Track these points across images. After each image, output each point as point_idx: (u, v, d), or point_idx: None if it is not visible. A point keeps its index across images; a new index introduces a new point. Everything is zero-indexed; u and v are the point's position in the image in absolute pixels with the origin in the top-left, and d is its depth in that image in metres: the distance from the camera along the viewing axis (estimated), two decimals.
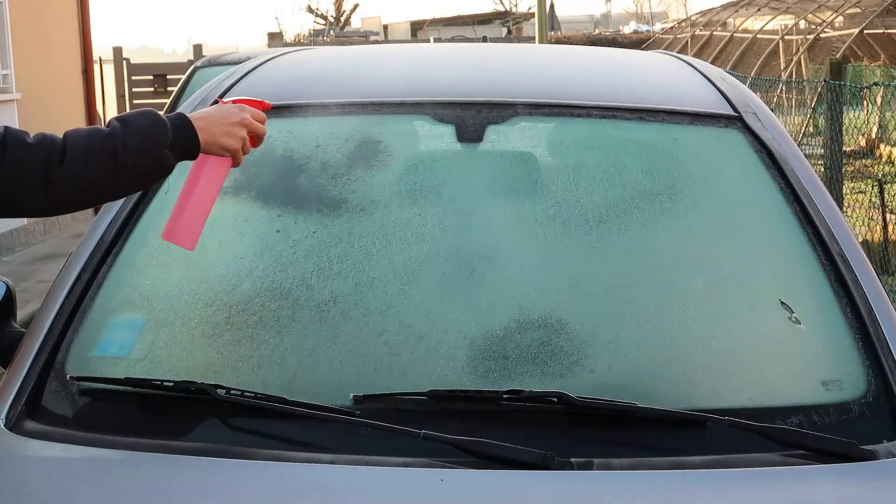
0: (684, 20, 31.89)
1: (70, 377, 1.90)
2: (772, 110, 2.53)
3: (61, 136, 1.76)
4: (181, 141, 1.81)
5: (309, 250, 2.10)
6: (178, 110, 2.50)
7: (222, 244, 2.15)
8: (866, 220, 8.40)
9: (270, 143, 2.38)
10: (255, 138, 1.93)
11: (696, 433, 1.75)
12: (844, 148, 9.28)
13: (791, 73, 18.58)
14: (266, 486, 1.64)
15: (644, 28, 43.47)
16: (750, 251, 2.15)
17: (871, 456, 1.71)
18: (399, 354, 1.91)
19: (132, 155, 1.76)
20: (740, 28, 24.19)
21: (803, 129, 12.74)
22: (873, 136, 12.05)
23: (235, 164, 1.92)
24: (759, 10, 23.81)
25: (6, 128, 1.74)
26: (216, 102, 1.96)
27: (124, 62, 19.33)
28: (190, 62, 16.38)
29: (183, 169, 1.89)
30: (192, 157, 1.85)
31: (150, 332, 1.99)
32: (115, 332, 2.01)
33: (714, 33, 24.43)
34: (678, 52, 3.48)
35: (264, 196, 2.24)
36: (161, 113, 1.85)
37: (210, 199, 1.90)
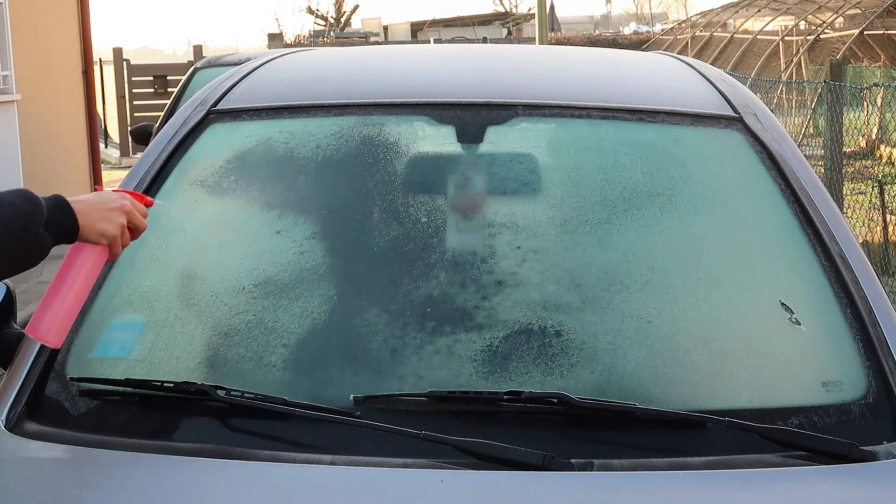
0: (684, 21, 31.90)
1: (70, 378, 1.90)
2: (772, 111, 2.53)
3: None
4: (57, 220, 1.73)
5: (309, 251, 2.10)
6: (178, 111, 2.51)
7: (222, 245, 2.15)
8: (866, 220, 8.40)
9: (271, 144, 2.38)
10: (134, 230, 1.85)
11: (696, 434, 1.75)
12: (844, 149, 9.29)
13: (791, 73, 18.58)
14: (266, 487, 1.64)
15: (644, 29, 43.47)
16: (750, 252, 2.15)
17: (872, 457, 1.71)
18: (399, 355, 1.91)
19: (3, 231, 1.67)
20: (740, 29, 24.19)
21: (803, 129, 12.74)
22: (873, 136, 12.05)
23: (112, 255, 1.82)
24: (759, 11, 23.81)
25: None
26: (94, 190, 1.89)
27: (124, 63, 19.34)
28: (190, 63, 16.41)
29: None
30: (71, 238, 1.76)
31: (150, 333, 1.99)
32: (115, 333, 2.01)
33: (714, 34, 24.43)
34: (678, 53, 3.48)
35: (264, 197, 2.24)
36: (33, 192, 1.77)
37: (83, 293, 1.80)
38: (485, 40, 26.02)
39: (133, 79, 19.22)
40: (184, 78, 8.11)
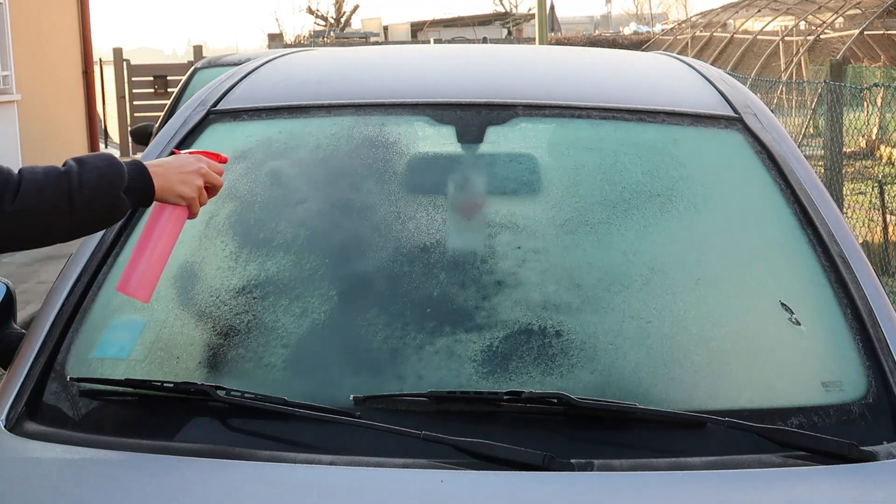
0: (684, 21, 31.89)
1: (70, 378, 1.90)
2: (772, 111, 2.53)
3: (16, 172, 1.76)
4: (137, 185, 1.81)
5: (309, 251, 2.10)
6: (178, 112, 2.51)
7: (222, 245, 2.15)
8: (866, 221, 8.40)
9: (271, 144, 2.38)
10: (211, 189, 1.93)
11: (696, 434, 1.75)
12: (844, 149, 9.29)
13: (791, 74, 18.58)
14: (266, 487, 1.64)
15: (644, 29, 43.46)
16: (750, 252, 2.15)
17: (871, 457, 1.71)
18: (399, 355, 1.91)
19: (87, 194, 1.76)
20: (740, 29, 24.19)
21: (803, 130, 12.74)
22: (873, 137, 12.04)
23: (191, 214, 1.91)
24: (759, 11, 23.81)
25: None
26: (172, 153, 1.96)
27: (124, 63, 19.34)
28: (190, 63, 16.41)
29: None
30: (148, 203, 1.85)
31: (150, 334, 1.99)
32: (115, 334, 2.01)
33: (714, 34, 24.43)
34: (678, 54, 3.48)
35: (264, 197, 2.24)
36: (116, 157, 1.85)
37: (166, 250, 1.89)
38: (485, 40, 26.02)
39: (133, 79, 19.22)
40: (184, 78, 8.11)
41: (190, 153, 1.94)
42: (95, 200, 1.77)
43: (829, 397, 1.85)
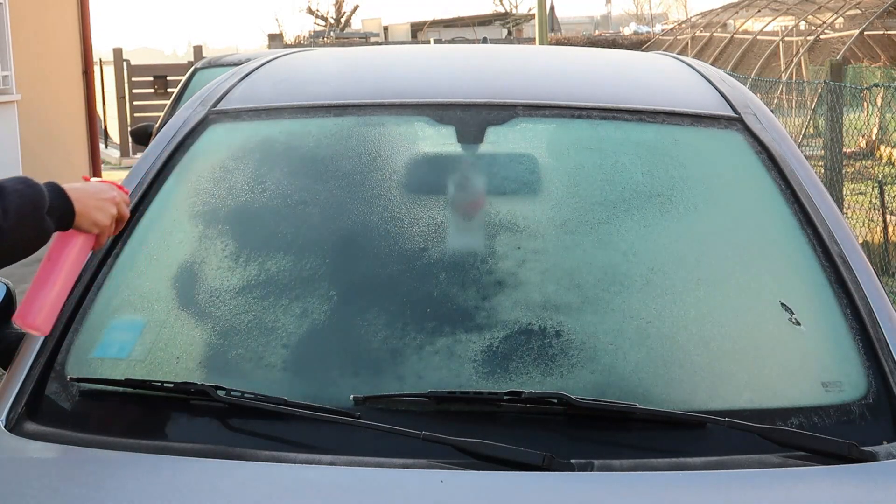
0: (684, 21, 31.88)
1: (70, 378, 1.90)
2: (772, 111, 2.53)
3: None
4: (57, 206, 1.77)
5: (309, 251, 2.10)
6: (178, 112, 2.51)
7: (222, 245, 2.15)
8: (866, 221, 8.40)
9: (271, 144, 2.38)
10: (120, 221, 1.91)
11: (696, 434, 1.75)
12: (844, 149, 9.29)
13: (791, 74, 18.58)
14: (266, 487, 1.64)
15: (644, 29, 43.45)
16: (750, 252, 2.14)
17: (872, 457, 1.71)
18: (399, 355, 1.91)
19: (13, 217, 1.72)
20: (740, 29, 24.19)
21: (803, 130, 12.75)
22: (873, 137, 12.05)
23: (98, 244, 1.86)
24: (759, 11, 23.81)
25: None
26: (83, 180, 1.92)
27: (124, 63, 19.34)
28: (190, 63, 16.41)
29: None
30: (68, 225, 1.81)
31: (150, 334, 1.99)
32: (115, 334, 2.01)
33: (714, 34, 24.43)
34: (678, 54, 3.48)
35: (264, 197, 2.24)
36: (31, 178, 1.81)
37: (70, 280, 1.84)
38: (485, 41, 26.02)
39: (133, 79, 19.23)
40: (184, 78, 8.11)
41: (102, 181, 1.90)
42: (24, 223, 1.73)
43: (830, 397, 1.85)
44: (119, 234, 2.16)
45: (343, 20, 43.23)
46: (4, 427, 1.82)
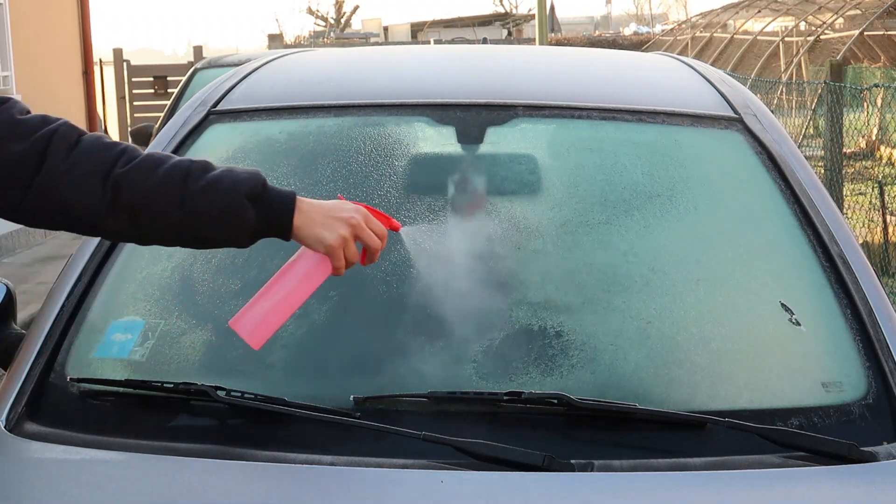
0: (684, 22, 31.89)
1: (70, 379, 1.90)
2: (772, 112, 2.53)
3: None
4: (271, 203, 1.64)
5: None
6: (178, 112, 2.51)
7: None
8: (866, 221, 8.40)
9: (271, 144, 2.38)
10: (367, 253, 1.72)
11: (696, 435, 1.75)
12: (844, 149, 9.29)
13: (791, 74, 18.57)
14: (266, 488, 1.64)
15: (644, 30, 43.44)
16: (750, 253, 2.15)
17: (872, 458, 1.71)
18: (399, 356, 1.91)
19: (205, 184, 1.61)
20: (740, 30, 24.19)
21: (803, 130, 12.74)
22: (873, 137, 12.04)
23: (335, 269, 1.69)
24: (759, 11, 23.81)
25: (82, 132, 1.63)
26: (337, 198, 1.77)
27: (124, 64, 19.33)
28: (190, 64, 16.40)
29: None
30: (281, 230, 1.67)
31: (150, 334, 1.99)
32: (115, 334, 2.01)
33: (714, 35, 24.42)
34: (678, 54, 3.48)
35: None
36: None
37: (297, 299, 1.70)
38: (485, 41, 25.99)
39: (133, 79, 19.21)
40: (184, 78, 8.11)
41: (356, 204, 1.73)
42: (212, 193, 1.61)
43: (830, 398, 1.85)
44: None
45: (343, 20, 43.24)
46: (4, 427, 1.82)
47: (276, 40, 35.37)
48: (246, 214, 1.63)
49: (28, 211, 1.60)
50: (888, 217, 8.02)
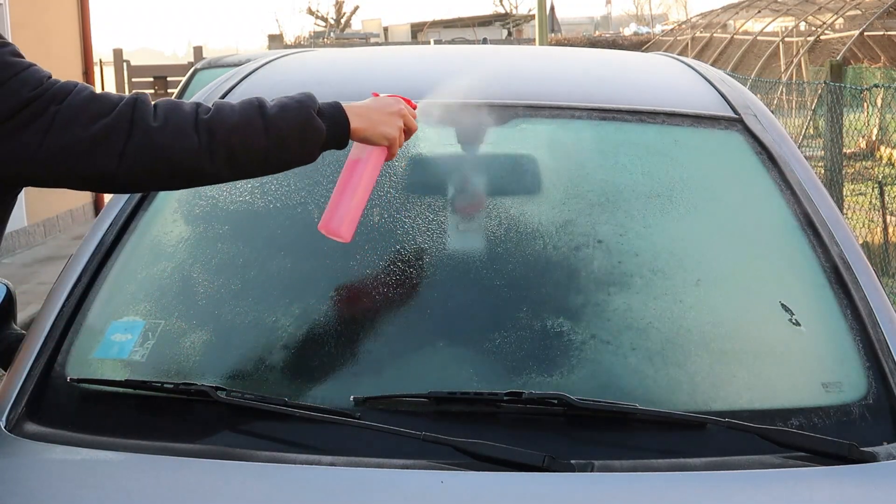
0: (684, 22, 31.89)
1: (70, 379, 1.90)
2: (772, 112, 2.53)
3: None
4: (327, 110, 1.85)
5: (309, 251, 2.10)
6: None
7: (223, 245, 2.15)
8: (867, 221, 8.40)
9: None
10: (407, 132, 1.98)
11: (696, 435, 1.75)
12: (845, 150, 9.29)
13: (791, 74, 18.57)
14: (266, 488, 1.64)
15: (644, 30, 43.45)
16: (750, 253, 2.15)
17: (872, 458, 1.71)
18: (399, 356, 1.91)
19: (277, 109, 1.80)
20: (740, 30, 24.19)
21: (803, 130, 12.74)
22: (873, 137, 12.05)
23: (390, 155, 1.95)
24: (759, 12, 23.81)
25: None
26: (372, 96, 2.00)
27: (124, 64, 19.33)
28: (190, 64, 16.40)
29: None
30: (343, 137, 1.87)
31: (150, 334, 1.99)
32: (115, 335, 2.01)
33: (714, 35, 24.43)
34: (678, 54, 3.48)
35: (264, 198, 2.24)
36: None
37: (367, 190, 1.94)
38: (485, 41, 26.00)
39: (133, 80, 19.20)
40: (184, 79, 8.11)
41: (389, 97, 1.98)
42: (287, 114, 1.80)
43: (830, 398, 1.85)
44: (119, 234, 2.16)
45: (343, 21, 43.24)
46: (4, 428, 1.82)
47: (276, 41, 35.38)
48: (319, 127, 1.83)
49: (126, 177, 1.74)
50: (888, 217, 8.02)
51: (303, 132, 1.82)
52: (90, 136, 1.69)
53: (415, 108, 2.05)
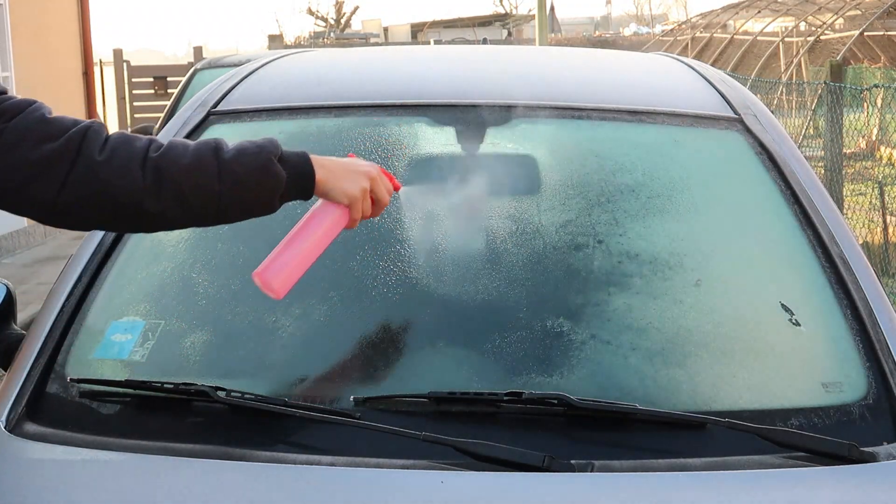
0: (684, 22, 31.88)
1: (70, 379, 1.90)
2: (772, 112, 2.53)
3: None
4: (293, 161, 1.75)
5: None
6: (178, 113, 2.51)
7: (222, 246, 2.15)
8: (867, 221, 8.40)
9: None
10: (377, 204, 1.84)
11: (696, 435, 1.75)
12: (844, 150, 9.29)
13: (791, 75, 18.58)
14: (266, 488, 1.64)
15: (644, 30, 43.46)
16: (750, 253, 2.15)
17: (872, 458, 1.71)
18: (399, 356, 1.91)
19: (235, 152, 1.71)
20: (740, 30, 24.19)
21: (803, 130, 12.75)
22: (873, 137, 12.04)
23: (351, 221, 1.81)
24: (759, 12, 23.81)
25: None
26: (348, 157, 1.89)
27: (124, 64, 19.33)
28: (190, 64, 16.40)
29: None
30: (306, 188, 1.77)
31: (150, 335, 1.99)
32: (115, 334, 2.01)
33: (714, 35, 24.43)
34: (678, 54, 3.48)
35: None
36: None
37: (317, 249, 1.81)
38: (485, 41, 26.00)
39: (133, 80, 19.20)
40: (184, 79, 8.11)
41: (368, 163, 1.86)
42: (244, 158, 1.70)
43: (830, 398, 1.85)
44: (120, 234, 2.16)
45: (343, 21, 43.25)
46: (4, 428, 1.82)
47: (276, 41, 35.38)
48: (278, 173, 1.72)
49: (64, 208, 1.65)
50: (888, 217, 8.03)
51: (260, 178, 1.71)
52: (34, 160, 1.62)
53: (397, 188, 1.93)
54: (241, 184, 1.71)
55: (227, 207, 1.72)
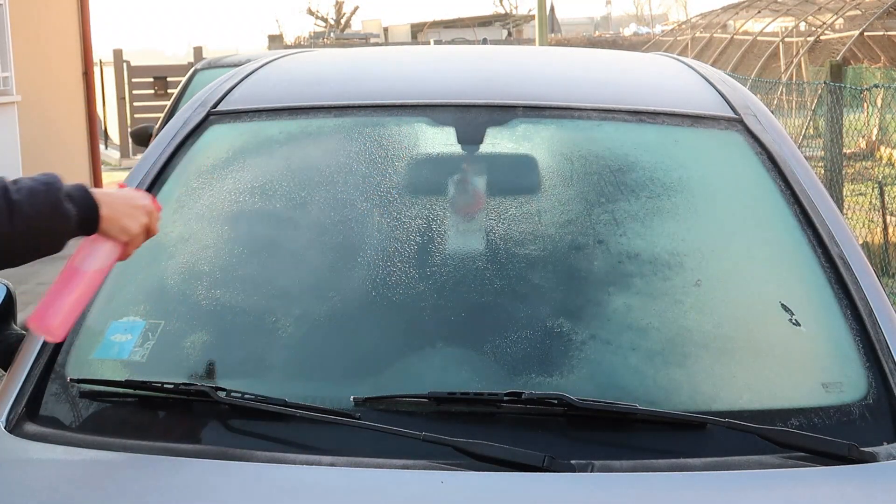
0: (684, 22, 31.90)
1: (70, 379, 1.90)
2: (772, 112, 2.53)
3: None
4: (78, 197, 1.70)
5: (309, 252, 2.10)
6: (178, 113, 2.51)
7: (222, 246, 2.15)
8: (866, 222, 8.40)
9: (271, 145, 2.38)
10: (148, 233, 1.82)
11: (696, 435, 1.75)
12: (844, 150, 9.29)
13: (791, 75, 18.57)
14: (266, 489, 1.64)
15: (644, 30, 43.46)
16: (750, 253, 2.15)
17: (872, 458, 1.71)
18: (399, 356, 1.91)
19: (25, 192, 1.64)
20: (740, 30, 24.19)
21: (803, 131, 12.75)
22: (873, 138, 12.04)
23: (123, 255, 1.78)
24: (759, 12, 23.81)
25: None
26: (119, 187, 1.85)
27: (124, 64, 19.34)
28: (190, 64, 16.41)
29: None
30: (92, 220, 1.72)
31: (150, 335, 1.99)
32: (115, 335, 2.01)
33: (714, 35, 24.43)
34: (678, 55, 3.48)
35: (264, 198, 2.24)
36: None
37: (92, 288, 1.76)
38: (485, 42, 26.01)
39: (133, 80, 19.22)
40: (184, 79, 8.11)
41: (135, 190, 1.83)
42: (34, 199, 1.64)
43: (830, 398, 1.85)
44: None
45: (343, 21, 43.25)
46: (4, 428, 1.82)
47: (276, 41, 35.39)
48: (70, 212, 1.68)
49: None
50: (888, 217, 8.02)
51: (52, 218, 1.66)
52: None
53: (159, 209, 1.86)
54: (32, 226, 1.65)
55: (19, 249, 1.67)
